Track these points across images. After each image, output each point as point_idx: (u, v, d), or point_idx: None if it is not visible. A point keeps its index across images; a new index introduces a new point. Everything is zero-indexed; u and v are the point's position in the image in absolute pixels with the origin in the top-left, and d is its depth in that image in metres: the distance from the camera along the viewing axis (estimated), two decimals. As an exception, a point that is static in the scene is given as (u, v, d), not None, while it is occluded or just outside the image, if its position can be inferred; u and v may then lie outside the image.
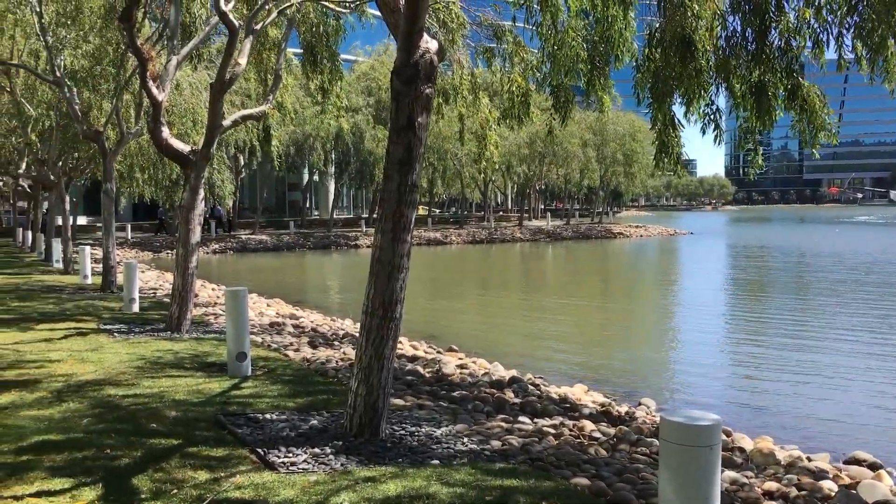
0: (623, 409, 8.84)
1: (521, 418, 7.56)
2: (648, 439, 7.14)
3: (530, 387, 9.33)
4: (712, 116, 7.88)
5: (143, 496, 4.68)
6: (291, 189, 65.98)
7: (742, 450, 7.32)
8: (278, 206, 64.88)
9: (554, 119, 9.86)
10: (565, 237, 57.35)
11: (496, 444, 6.28)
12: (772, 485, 6.12)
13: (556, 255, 44.43)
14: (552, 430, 7.05)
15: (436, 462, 5.53)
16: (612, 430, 7.51)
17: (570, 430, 7.27)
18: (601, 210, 76.00)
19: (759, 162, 8.55)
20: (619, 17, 8.45)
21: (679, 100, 8.26)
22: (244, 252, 43.98)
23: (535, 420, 7.60)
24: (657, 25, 8.23)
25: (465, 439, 6.25)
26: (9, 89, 19.72)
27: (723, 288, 25.92)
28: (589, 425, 7.49)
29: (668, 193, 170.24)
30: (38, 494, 4.69)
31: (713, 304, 21.07)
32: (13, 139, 26.18)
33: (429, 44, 5.99)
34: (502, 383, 9.33)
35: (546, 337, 15.89)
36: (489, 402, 8.17)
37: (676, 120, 8.40)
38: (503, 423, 7.20)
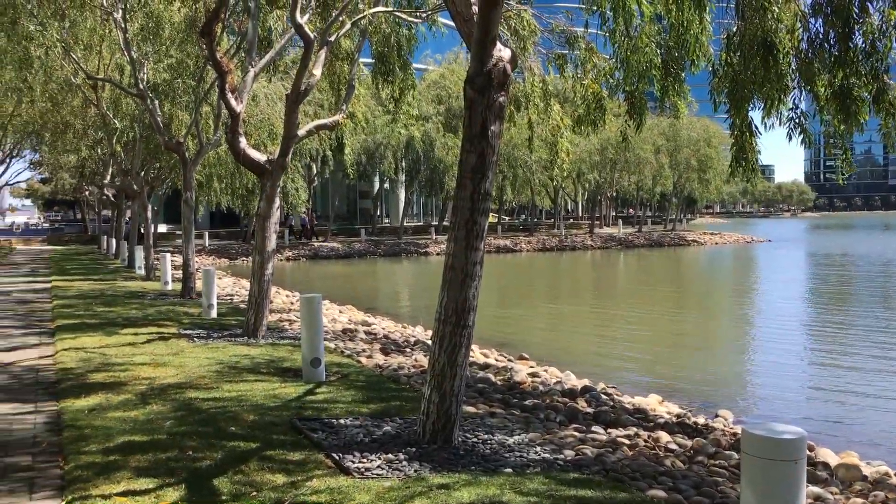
0: (699, 420, 8.65)
1: (594, 428, 7.48)
2: (727, 452, 6.97)
3: (603, 396, 9.23)
4: (797, 120, 7.65)
5: (223, 498, 4.80)
6: (363, 197, 66.83)
7: (826, 465, 7.08)
8: (350, 213, 65.83)
9: (628, 125, 9.74)
10: (637, 245, 56.51)
11: (569, 453, 6.22)
12: (857, 501, 5.90)
13: (627, 262, 43.81)
14: (626, 441, 6.95)
15: (509, 470, 5.51)
16: (688, 442, 7.36)
17: (645, 441, 7.15)
18: (674, 217, 74.61)
19: (849, 166, 8.25)
20: (694, 21, 8.30)
21: (757, 105, 8.08)
22: (316, 259, 44.74)
23: (609, 430, 7.50)
24: (735, 29, 8.06)
25: (538, 448, 6.21)
26: (95, 102, 20.54)
27: (802, 298, 25.13)
28: (664, 436, 7.35)
29: (745, 200, 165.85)
30: (125, 494, 4.86)
31: (792, 315, 20.44)
32: (99, 150, 27.27)
33: (502, 52, 6.00)
34: (575, 392, 9.25)
35: (618, 346, 15.68)
36: (561, 411, 8.11)
37: (754, 126, 8.21)
38: (576, 433, 7.13)
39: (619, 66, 9.16)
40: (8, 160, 38.01)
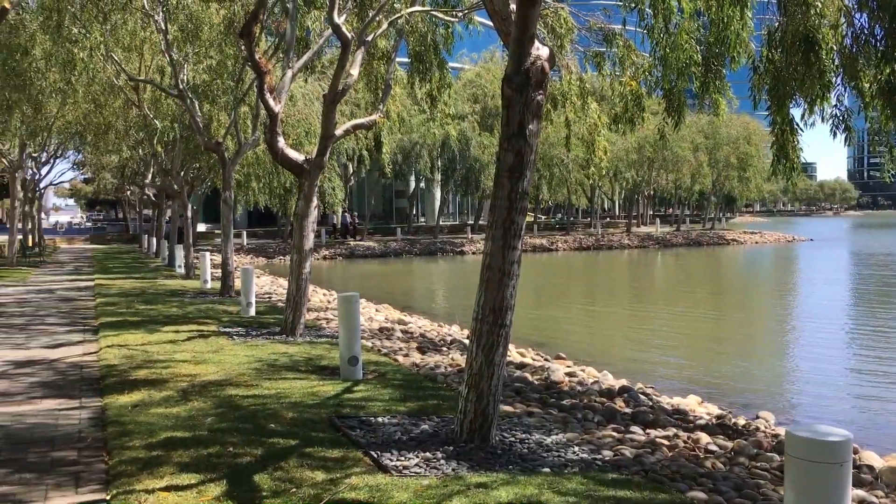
0: (740, 422, 8.54)
1: (632, 428, 7.42)
2: (769, 454, 6.87)
3: (641, 396, 9.15)
4: (841, 117, 7.52)
5: (263, 494, 4.86)
6: (398, 196, 67.06)
7: (871, 468, 6.95)
8: (385, 213, 66.09)
9: (666, 123, 9.66)
10: (675, 244, 55.93)
11: (608, 453, 6.18)
12: (904, 506, 5.78)
13: (665, 262, 43.38)
14: (665, 442, 6.89)
15: (547, 470, 5.49)
16: (729, 444, 7.27)
17: (685, 442, 7.08)
18: (713, 216, 73.68)
19: (895, 163, 8.08)
20: (735, 17, 8.19)
21: (799, 102, 7.95)
22: (353, 258, 45.00)
23: (648, 430, 7.44)
24: (776, 25, 7.95)
25: (576, 448, 6.18)
26: (137, 103, 20.89)
27: (844, 298, 24.66)
28: (704, 437, 7.27)
29: (786, 198, 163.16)
30: (168, 489, 4.94)
31: (834, 315, 20.07)
32: (140, 151, 27.72)
33: (540, 51, 5.98)
34: (612, 392, 9.19)
35: (656, 346, 15.54)
36: (599, 411, 8.06)
37: (795, 123, 8.08)
38: (614, 433, 7.09)
39: (658, 63, 9.08)
40: (52, 160, 38.80)
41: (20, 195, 30.76)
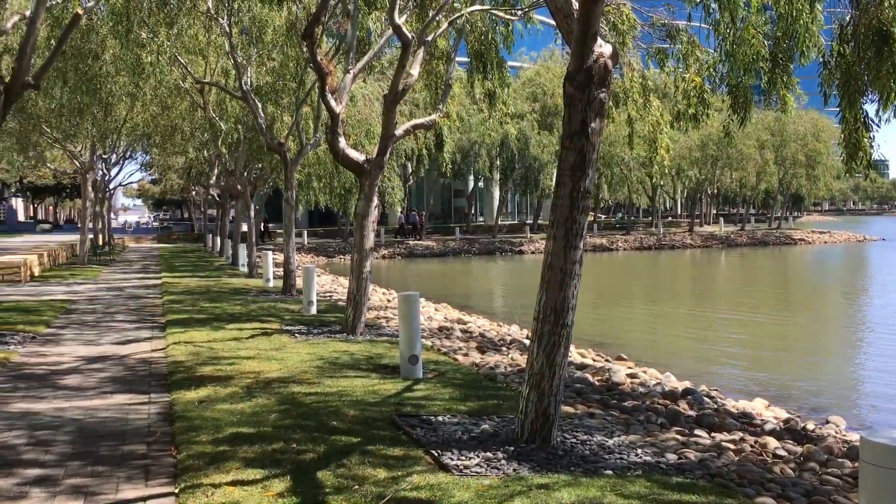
0: (809, 426, 8.30)
1: (696, 431, 7.28)
2: (840, 460, 6.67)
3: (706, 399, 8.97)
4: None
5: (327, 491, 4.91)
6: (457, 195, 67.18)
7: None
8: (444, 212, 66.25)
9: (731, 120, 9.45)
10: (740, 243, 54.74)
11: (672, 457, 6.08)
12: None
13: (729, 262, 42.49)
14: (731, 446, 6.74)
15: (609, 472, 5.42)
16: (798, 449, 7.07)
17: (752, 447, 6.92)
18: (779, 215, 71.85)
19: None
20: (804, 10, 7.98)
21: (872, 97, 7.70)
22: (411, 257, 45.23)
23: (713, 434, 7.29)
24: (848, 18, 7.70)
25: (639, 450, 6.09)
26: (202, 105, 21.37)
27: (920, 299, 23.77)
28: (772, 442, 7.09)
29: (856, 197, 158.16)
30: (234, 483, 5.03)
31: (909, 317, 19.36)
32: (205, 152, 28.35)
33: (602, 48, 5.91)
34: (676, 394, 9.03)
35: (720, 348, 15.22)
36: (662, 414, 7.93)
37: (868, 119, 7.82)
38: (678, 436, 6.96)
39: (724, 58, 8.90)
40: (121, 162, 40.00)
41: (91, 196, 31.75)
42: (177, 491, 5.07)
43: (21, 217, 79.40)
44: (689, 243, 53.93)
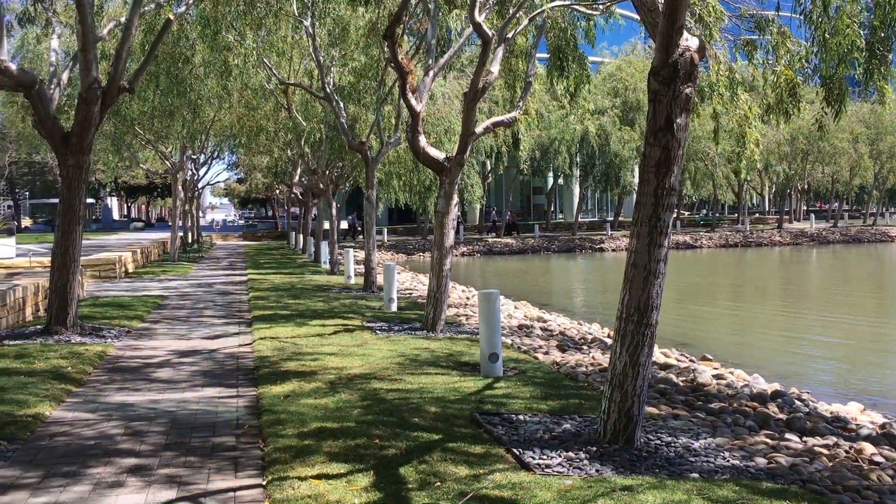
0: (908, 432, 7.92)
1: (787, 435, 7.04)
2: (942, 469, 6.33)
3: (797, 402, 8.67)
4: None
5: (409, 486, 4.96)
6: (536, 193, 66.82)
7: None
8: (523, 209, 65.97)
9: (824, 113, 9.11)
10: (832, 241, 52.73)
11: (761, 461, 5.90)
12: None
13: (821, 260, 40.95)
14: (825, 451, 6.49)
15: (695, 476, 5.30)
16: (896, 456, 6.76)
17: (847, 452, 6.65)
18: (875, 211, 68.85)
19: None
20: (903, -3, 7.63)
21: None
22: (490, 255, 45.20)
23: (804, 438, 7.04)
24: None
25: (726, 454, 5.94)
26: (286, 106, 21.83)
27: None
28: (868, 448, 6.79)
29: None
30: (319, 477, 5.13)
31: None
32: (289, 151, 28.96)
33: (689, 42, 5.78)
34: (764, 397, 8.76)
35: (811, 350, 14.70)
36: (750, 416, 7.71)
37: (975, 109, 7.43)
38: (768, 440, 6.75)
39: (816, 49, 8.58)
40: (209, 162, 41.28)
41: (181, 195, 32.87)
42: (264, 483, 5.21)
43: (116, 215, 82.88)
44: (778, 240, 52.24)
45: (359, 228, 52.86)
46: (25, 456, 5.84)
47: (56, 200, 18.62)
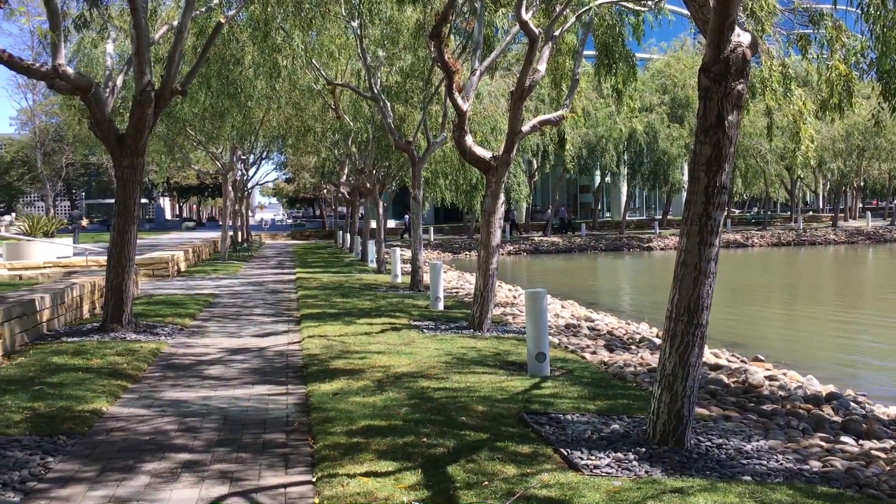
0: (970, 437, 7.68)
1: (842, 438, 6.89)
2: None
3: (853, 404, 8.47)
4: None
5: (457, 485, 4.97)
6: (583, 191, 66.30)
7: None
8: (570, 208, 65.51)
9: (881, 108, 8.88)
10: (890, 239, 51.29)
11: (815, 464, 5.78)
12: None
13: (877, 259, 39.89)
14: (882, 455, 6.34)
15: (748, 478, 5.22)
16: (957, 461, 6.56)
17: (905, 457, 6.48)
18: (935, 208, 66.77)
19: None
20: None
21: None
22: (536, 254, 45.01)
23: (860, 442, 6.88)
24: None
25: (779, 456, 5.83)
26: (334, 106, 22.03)
27: None
28: (928, 452, 6.61)
29: None
30: (367, 474, 5.17)
31: None
32: (336, 151, 29.25)
33: (741, 37, 5.68)
34: (819, 398, 8.58)
35: (868, 351, 14.34)
36: (804, 419, 7.56)
37: None
38: (822, 443, 6.61)
39: (873, 44, 8.37)
40: (258, 162, 41.85)
41: (231, 195, 33.40)
42: (314, 480, 5.27)
43: (168, 215, 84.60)
44: (833, 239, 51.04)
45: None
46: (84, 450, 6.00)
47: (111, 201, 19.06)
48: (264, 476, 5.42)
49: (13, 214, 58.18)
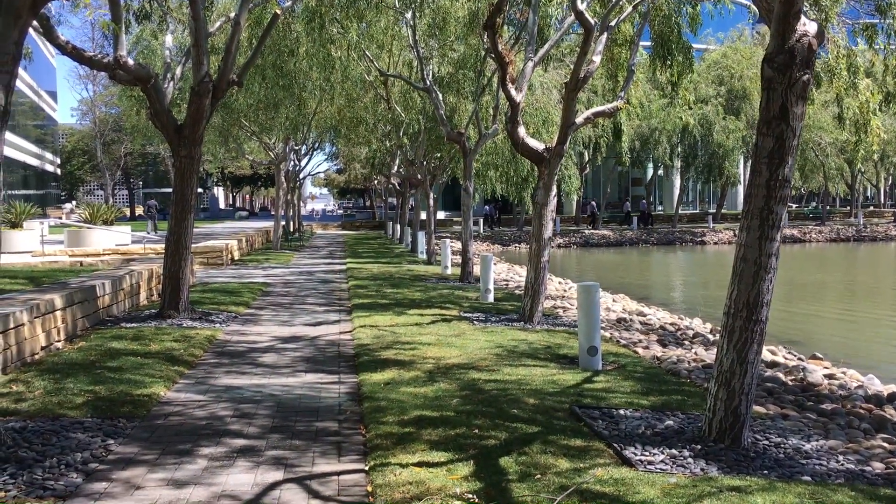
0: None
1: (906, 440, 6.69)
2: None
3: (916, 406, 8.22)
4: None
5: (510, 478, 4.95)
6: (635, 184, 65.49)
7: None
8: (621, 201, 64.76)
9: (952, 100, 8.57)
10: (953, 236, 49.63)
11: (878, 466, 5.62)
12: None
13: (940, 256, 38.62)
14: (948, 458, 6.13)
15: (807, 479, 5.10)
16: None
17: (973, 461, 6.25)
18: None
19: None
20: None
21: None
22: (587, 247, 44.64)
23: (925, 444, 6.67)
24: None
25: (840, 457, 5.69)
26: (386, 97, 22.11)
27: None
28: None
29: None
30: (419, 464, 5.18)
31: None
32: (387, 142, 29.35)
33: (806, 27, 5.53)
34: (881, 399, 8.34)
35: (931, 350, 13.89)
36: (865, 419, 7.36)
37: None
38: (885, 444, 6.43)
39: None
40: (310, 153, 42.24)
41: (283, 185, 33.79)
42: (367, 468, 5.30)
43: (221, 205, 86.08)
44: (894, 235, 49.56)
45: (494, 218, 53.28)
46: (143, 433, 6.14)
47: (167, 190, 19.41)
48: (318, 463, 5.47)
49: (74, 202, 59.79)
